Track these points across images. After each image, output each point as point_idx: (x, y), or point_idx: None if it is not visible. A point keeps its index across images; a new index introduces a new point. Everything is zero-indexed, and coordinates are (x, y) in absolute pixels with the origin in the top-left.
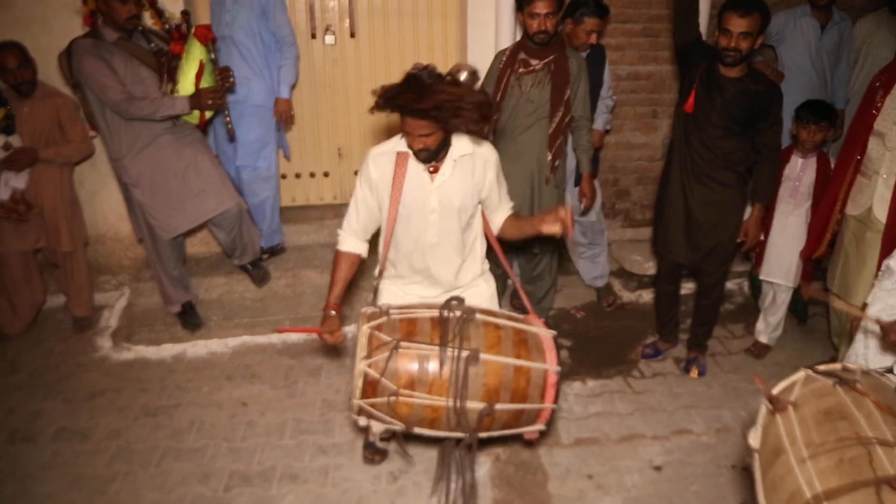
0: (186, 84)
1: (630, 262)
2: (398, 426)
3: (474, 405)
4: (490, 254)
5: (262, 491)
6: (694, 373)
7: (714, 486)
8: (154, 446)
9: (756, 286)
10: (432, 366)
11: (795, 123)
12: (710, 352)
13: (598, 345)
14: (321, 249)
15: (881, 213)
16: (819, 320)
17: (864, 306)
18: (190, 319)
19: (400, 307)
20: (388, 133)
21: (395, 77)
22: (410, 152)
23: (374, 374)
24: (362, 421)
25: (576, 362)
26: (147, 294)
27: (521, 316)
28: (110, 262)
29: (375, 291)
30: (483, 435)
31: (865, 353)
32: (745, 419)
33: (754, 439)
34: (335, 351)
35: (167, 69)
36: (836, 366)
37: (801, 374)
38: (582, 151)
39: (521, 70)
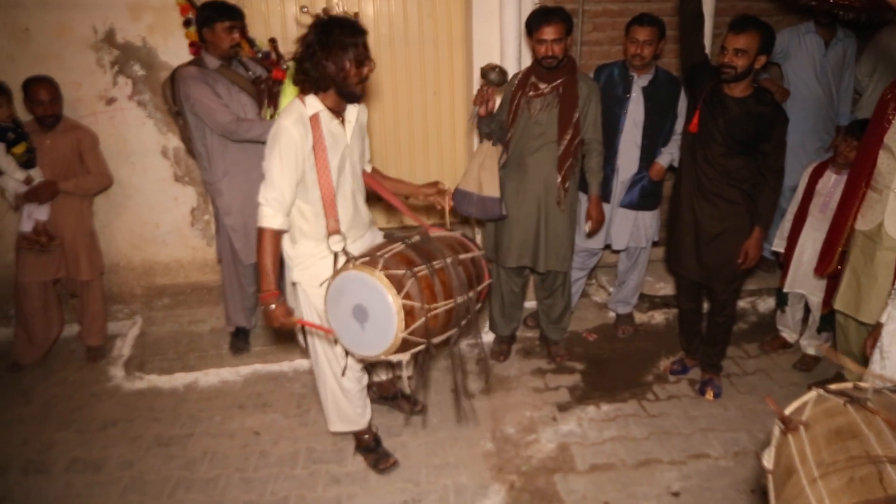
0: None
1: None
2: (422, 346)
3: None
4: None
5: None
6: (709, 395)
7: None
8: (167, 477)
9: (782, 298)
10: (440, 276)
11: (837, 137)
12: (724, 372)
13: (610, 368)
14: None
15: (893, 229)
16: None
17: (879, 326)
18: (237, 343)
19: (364, 254)
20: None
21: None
22: (321, 111)
23: (410, 302)
24: (395, 358)
25: (589, 386)
26: (159, 323)
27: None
28: (123, 291)
29: (336, 257)
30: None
31: (882, 373)
32: (763, 441)
33: (768, 460)
34: None
35: (268, 94)
36: (848, 385)
37: (812, 394)
38: (591, 174)
39: (531, 93)
